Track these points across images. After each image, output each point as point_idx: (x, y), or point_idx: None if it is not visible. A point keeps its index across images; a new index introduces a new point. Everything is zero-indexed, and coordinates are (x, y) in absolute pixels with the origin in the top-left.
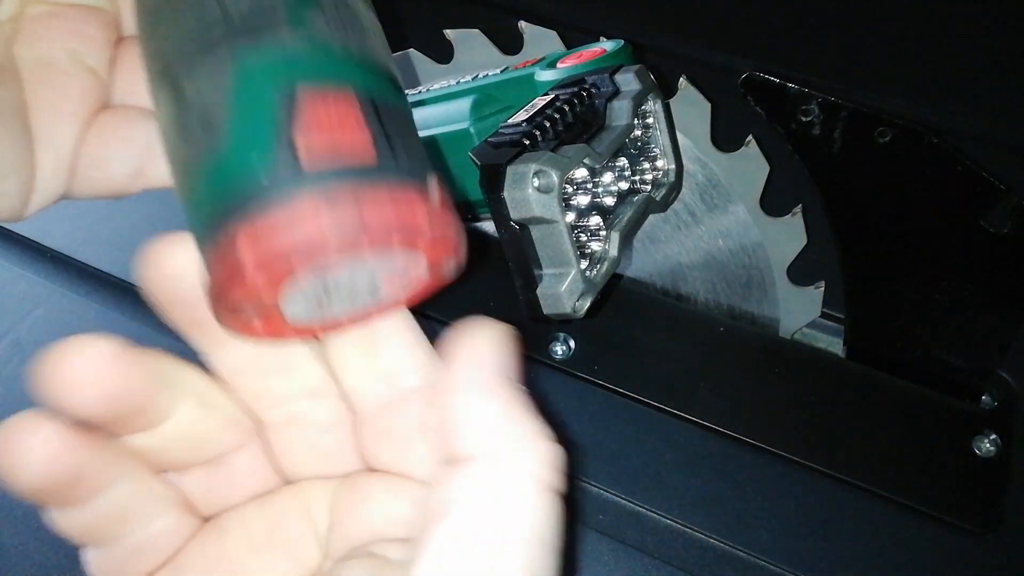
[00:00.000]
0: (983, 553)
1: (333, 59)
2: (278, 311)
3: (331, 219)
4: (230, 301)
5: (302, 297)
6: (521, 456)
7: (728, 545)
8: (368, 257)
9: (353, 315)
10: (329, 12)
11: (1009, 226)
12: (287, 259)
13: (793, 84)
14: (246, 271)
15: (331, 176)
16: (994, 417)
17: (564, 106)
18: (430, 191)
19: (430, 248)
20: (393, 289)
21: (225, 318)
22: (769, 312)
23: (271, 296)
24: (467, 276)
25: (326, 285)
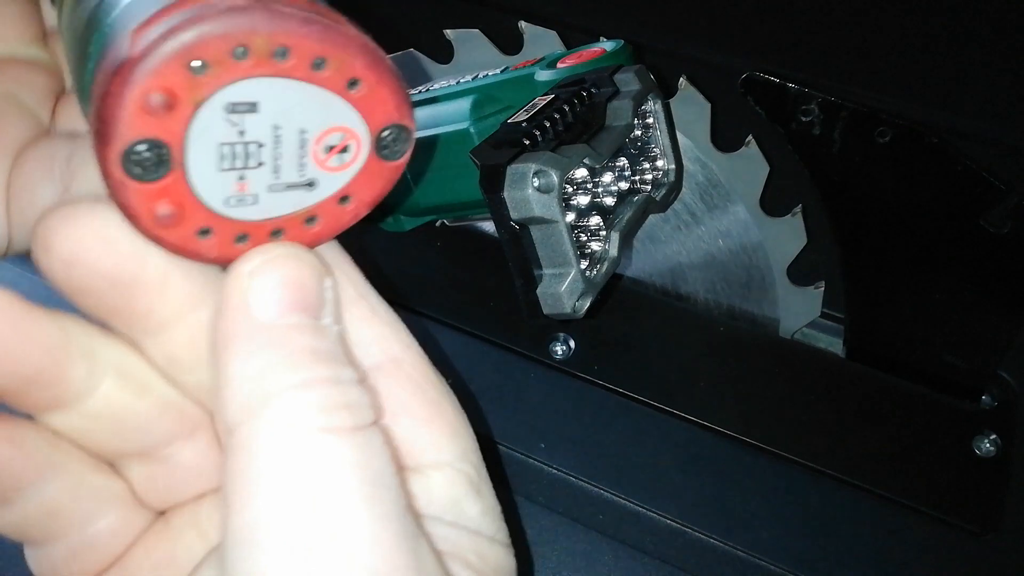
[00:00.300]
0: (983, 553)
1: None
2: (182, 170)
3: (238, 0)
4: (122, 129)
5: (212, 146)
6: (285, 413)
7: (728, 545)
8: (288, 80)
9: (291, 221)
10: None
11: (1009, 226)
12: (187, 52)
13: (793, 84)
14: (137, 72)
15: None
16: (994, 417)
17: (564, 106)
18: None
19: (363, 74)
20: (329, 170)
21: (115, 172)
22: (769, 312)
23: (173, 136)
24: (467, 276)
25: (246, 146)
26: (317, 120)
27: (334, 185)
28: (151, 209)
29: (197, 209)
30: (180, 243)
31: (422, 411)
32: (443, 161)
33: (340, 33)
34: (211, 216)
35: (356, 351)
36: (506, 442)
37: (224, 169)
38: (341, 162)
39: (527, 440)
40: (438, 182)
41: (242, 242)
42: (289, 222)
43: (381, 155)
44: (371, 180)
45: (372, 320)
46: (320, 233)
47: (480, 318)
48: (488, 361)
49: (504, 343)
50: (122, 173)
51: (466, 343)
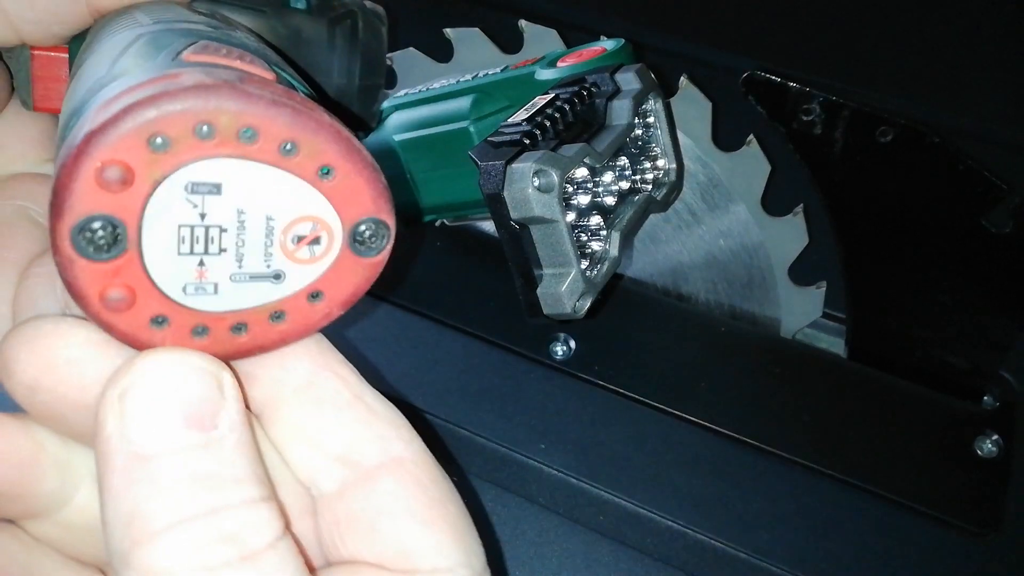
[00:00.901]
0: (984, 553)
1: (246, 47)
2: (137, 251)
3: (205, 80)
4: (75, 201)
5: (170, 223)
6: (160, 558)
7: (728, 545)
8: (254, 163)
9: (256, 316)
10: (245, 39)
11: (1011, 226)
12: (149, 127)
13: (794, 83)
14: (94, 143)
15: (218, 67)
16: (995, 417)
17: (564, 105)
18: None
19: (335, 162)
20: (298, 261)
21: (65, 249)
22: (770, 312)
23: (129, 213)
24: (467, 276)
25: (207, 230)
26: (286, 208)
27: (304, 279)
28: (102, 291)
29: (151, 295)
30: (132, 331)
31: (425, 512)
32: (443, 160)
33: (312, 118)
34: (166, 303)
35: (355, 452)
36: (506, 442)
37: (183, 253)
38: (312, 254)
39: (527, 440)
40: (438, 182)
41: (200, 336)
42: (252, 317)
43: (356, 250)
44: (345, 277)
45: (371, 420)
46: (287, 332)
47: (480, 318)
48: (488, 361)
49: (504, 343)
50: (72, 249)
51: (466, 343)
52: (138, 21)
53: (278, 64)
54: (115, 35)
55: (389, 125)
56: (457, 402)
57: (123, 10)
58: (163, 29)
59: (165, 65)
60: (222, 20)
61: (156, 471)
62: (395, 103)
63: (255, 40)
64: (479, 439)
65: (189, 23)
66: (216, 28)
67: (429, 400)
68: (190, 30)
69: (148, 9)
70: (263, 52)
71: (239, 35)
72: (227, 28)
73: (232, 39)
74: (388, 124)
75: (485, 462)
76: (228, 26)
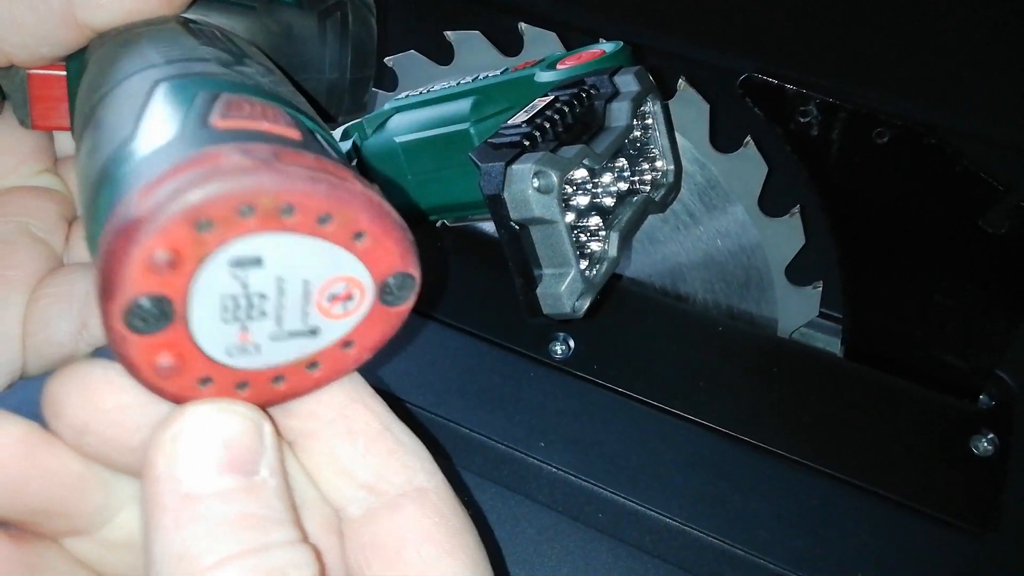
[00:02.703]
0: (981, 553)
1: (260, 89)
2: (184, 325)
3: (246, 165)
4: (125, 287)
5: (215, 299)
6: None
7: (728, 545)
8: (293, 236)
9: (293, 368)
10: (259, 73)
11: (1008, 226)
12: (193, 216)
13: (792, 85)
14: (143, 232)
15: (249, 136)
16: (992, 417)
17: (564, 107)
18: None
19: (368, 231)
20: (334, 318)
21: (118, 328)
22: (767, 312)
23: (178, 293)
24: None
25: (249, 298)
26: (322, 271)
27: (337, 332)
28: (152, 361)
29: (198, 359)
30: (180, 392)
31: (444, 542)
32: (443, 162)
33: (345, 190)
34: (212, 366)
35: (382, 481)
36: (506, 442)
37: (227, 320)
38: (345, 310)
39: (527, 440)
40: (438, 182)
41: (242, 389)
42: (290, 369)
43: (385, 301)
44: (375, 326)
45: (397, 451)
46: (321, 378)
47: (480, 318)
48: (488, 361)
49: (504, 343)
50: (124, 327)
51: (466, 343)
52: (147, 58)
53: (292, 103)
54: (128, 80)
55: (390, 127)
56: (457, 401)
57: (124, 35)
58: (179, 74)
59: (197, 135)
60: (220, 35)
61: (205, 511)
62: (396, 105)
63: (262, 68)
64: (479, 438)
65: (202, 62)
66: (228, 66)
67: (429, 400)
68: (206, 75)
69: (152, 38)
70: (277, 91)
71: (250, 69)
72: (235, 61)
73: (246, 81)
74: (389, 126)
75: (485, 461)
76: (234, 55)
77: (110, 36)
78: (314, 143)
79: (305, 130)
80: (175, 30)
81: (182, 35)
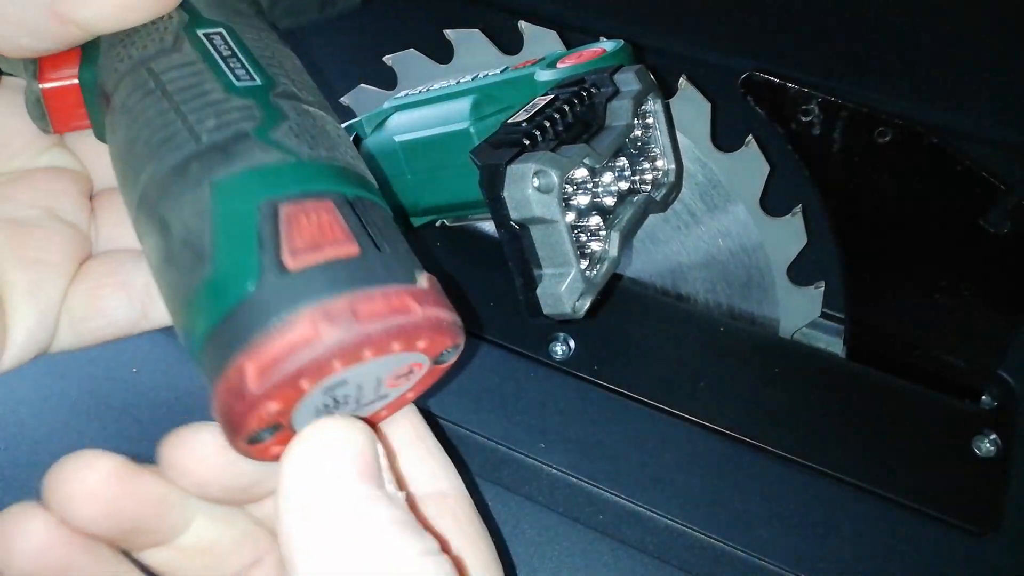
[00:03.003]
0: (983, 553)
1: (305, 170)
2: (291, 430)
3: (332, 334)
4: (246, 431)
5: (312, 409)
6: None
7: (728, 545)
8: (371, 361)
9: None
10: (295, 124)
11: (1009, 226)
12: (295, 382)
13: (793, 84)
14: (258, 403)
15: (323, 284)
16: (994, 417)
17: (564, 106)
18: (420, 284)
19: (429, 343)
20: (399, 386)
21: (241, 446)
22: (769, 312)
23: (285, 419)
24: (467, 276)
25: (334, 394)
26: (391, 369)
27: (400, 391)
28: (266, 452)
29: (291, 438)
30: (278, 456)
31: (460, 544)
32: (443, 161)
33: (412, 324)
34: None
35: (410, 481)
36: (506, 442)
37: (319, 414)
38: (408, 380)
39: (527, 440)
40: (438, 182)
41: None
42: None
43: (437, 362)
44: (429, 378)
45: (428, 459)
46: (385, 416)
47: (480, 318)
48: (488, 361)
49: (504, 343)
50: (246, 446)
51: (466, 343)
52: (186, 130)
53: (355, 181)
54: (181, 176)
55: (390, 126)
56: (457, 402)
57: (139, 70)
58: (229, 169)
59: (279, 291)
60: (234, 43)
61: (362, 512)
62: (396, 104)
63: (290, 81)
64: (479, 438)
65: (239, 120)
66: (263, 106)
67: (429, 400)
68: (255, 162)
69: (177, 84)
70: (316, 122)
71: (285, 104)
72: (267, 86)
73: (289, 138)
74: (389, 125)
75: (485, 461)
76: (262, 74)
77: (123, 63)
78: (370, 247)
79: (359, 230)
80: (193, 63)
81: (203, 71)
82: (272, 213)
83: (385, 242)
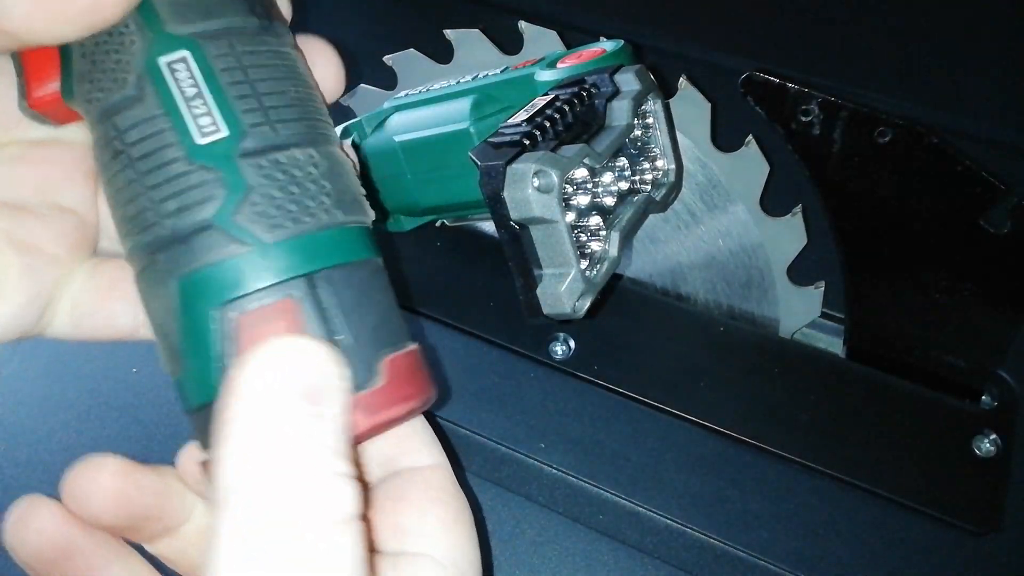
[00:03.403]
0: (983, 553)
1: (268, 258)
2: None
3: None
4: None
5: None
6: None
7: (728, 545)
8: None
9: None
10: (260, 195)
11: (1009, 226)
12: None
13: (793, 84)
14: None
15: None
16: (994, 417)
17: (564, 106)
18: (376, 383)
19: (383, 433)
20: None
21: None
22: (769, 312)
23: None
24: (467, 276)
25: None
26: None
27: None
28: None
29: None
30: None
31: (442, 515)
32: (443, 161)
33: (383, 427)
34: None
35: (394, 458)
36: (506, 442)
37: None
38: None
39: (527, 440)
40: (438, 182)
41: None
42: None
43: None
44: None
45: (412, 435)
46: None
47: (480, 318)
48: (488, 361)
49: (504, 343)
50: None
51: (466, 343)
52: (149, 210)
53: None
54: (152, 265)
55: (390, 126)
56: (457, 402)
57: (96, 101)
58: (188, 267)
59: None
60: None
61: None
62: (396, 104)
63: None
64: (479, 438)
65: (198, 194)
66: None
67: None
68: (207, 260)
69: (129, 127)
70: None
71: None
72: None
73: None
74: (389, 125)
75: (485, 461)
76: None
77: (92, 106)
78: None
79: (318, 324)
80: (154, 118)
81: (166, 130)
82: (232, 323)
83: (349, 327)
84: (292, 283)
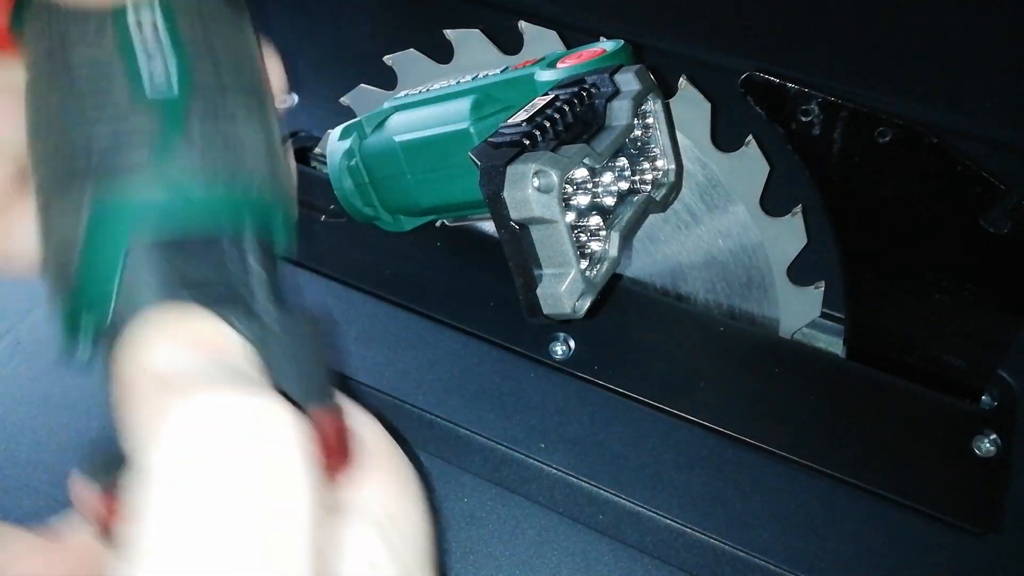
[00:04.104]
0: (983, 553)
1: (193, 208)
2: None
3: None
4: None
5: None
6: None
7: (728, 545)
8: None
9: None
10: (199, 141)
11: (1009, 226)
12: None
13: (793, 84)
14: None
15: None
16: (994, 417)
17: (564, 106)
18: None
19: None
20: None
21: None
22: (769, 312)
23: None
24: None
25: None
26: None
27: None
28: None
29: None
30: None
31: (373, 471)
32: (443, 161)
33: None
34: None
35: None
36: (506, 442)
37: None
38: None
39: (527, 440)
40: (438, 182)
41: None
42: None
43: None
44: None
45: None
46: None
47: (480, 318)
48: (488, 361)
49: (504, 343)
50: None
51: (466, 343)
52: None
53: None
54: (58, 156)
55: (390, 126)
56: (457, 402)
57: (54, 44)
58: (107, 183)
59: None
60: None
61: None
62: (396, 104)
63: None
64: (479, 438)
65: (136, 138)
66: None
67: (429, 400)
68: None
69: (81, 64)
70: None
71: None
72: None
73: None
74: (389, 125)
75: (485, 461)
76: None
77: (43, 40)
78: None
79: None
80: (110, 62)
81: (119, 74)
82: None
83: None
84: (208, 229)
